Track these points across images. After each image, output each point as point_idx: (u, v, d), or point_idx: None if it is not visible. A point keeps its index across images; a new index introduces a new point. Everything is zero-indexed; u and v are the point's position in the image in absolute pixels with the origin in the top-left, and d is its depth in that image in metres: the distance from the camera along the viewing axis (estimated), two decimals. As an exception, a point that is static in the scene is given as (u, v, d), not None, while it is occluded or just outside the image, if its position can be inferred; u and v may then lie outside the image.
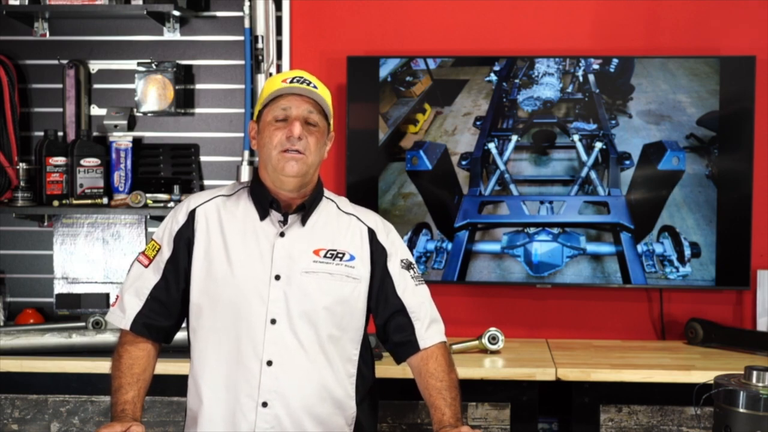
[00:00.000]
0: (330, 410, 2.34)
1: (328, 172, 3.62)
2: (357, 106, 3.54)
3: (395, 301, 2.41)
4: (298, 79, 2.36)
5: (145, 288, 2.38)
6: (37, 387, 3.18)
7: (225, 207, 2.40)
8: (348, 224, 2.44)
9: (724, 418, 2.09)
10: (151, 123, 3.72)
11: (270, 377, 2.28)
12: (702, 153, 3.45)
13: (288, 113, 2.32)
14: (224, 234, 2.36)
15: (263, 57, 3.57)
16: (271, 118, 2.33)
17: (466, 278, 3.53)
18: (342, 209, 2.47)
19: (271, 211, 2.37)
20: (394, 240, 2.48)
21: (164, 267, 2.38)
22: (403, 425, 3.15)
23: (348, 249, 2.39)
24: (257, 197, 2.39)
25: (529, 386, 3.11)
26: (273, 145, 2.31)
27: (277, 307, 2.31)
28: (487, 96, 3.52)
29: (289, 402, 2.29)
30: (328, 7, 3.64)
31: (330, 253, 2.37)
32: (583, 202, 3.49)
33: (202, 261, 2.35)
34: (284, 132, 2.31)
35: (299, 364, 2.30)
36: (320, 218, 2.41)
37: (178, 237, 2.38)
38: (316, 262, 2.35)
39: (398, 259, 2.45)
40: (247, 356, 2.29)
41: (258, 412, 2.28)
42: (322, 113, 2.36)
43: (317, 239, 2.38)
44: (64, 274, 3.70)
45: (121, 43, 3.70)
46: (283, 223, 2.37)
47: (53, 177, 3.58)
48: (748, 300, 3.58)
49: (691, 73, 3.45)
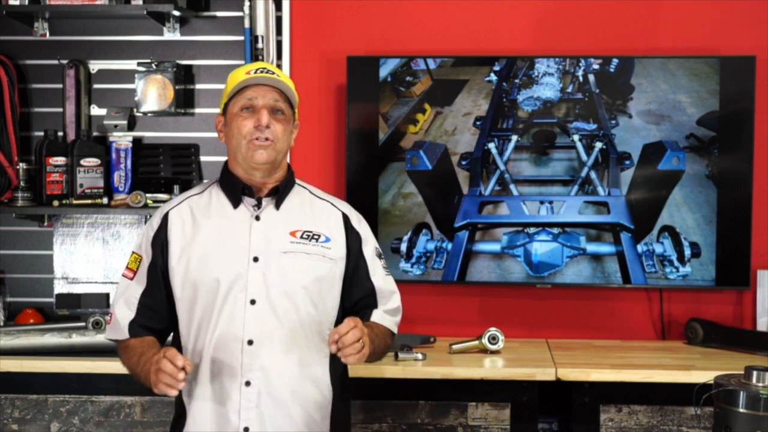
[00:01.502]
0: (309, 388, 2.40)
1: (328, 172, 3.63)
2: (357, 106, 3.54)
3: (367, 284, 2.48)
4: (262, 69, 2.41)
5: (134, 297, 2.44)
6: (37, 387, 3.18)
7: (197, 205, 2.46)
8: (322, 209, 2.49)
9: (724, 418, 2.09)
10: (151, 123, 3.72)
11: (251, 356, 2.34)
12: (702, 153, 3.45)
13: (254, 103, 2.37)
14: (199, 229, 2.41)
15: (263, 57, 3.57)
16: (238, 109, 2.38)
17: (466, 278, 3.53)
18: (315, 195, 2.53)
19: (244, 197, 2.43)
20: (365, 228, 2.54)
21: (147, 274, 2.43)
22: (403, 425, 3.15)
23: (323, 231, 2.44)
24: (228, 187, 2.44)
25: (529, 386, 3.11)
26: (242, 135, 2.36)
27: (257, 288, 2.36)
28: (487, 96, 3.52)
29: (270, 380, 2.35)
30: (328, 7, 3.64)
31: (306, 234, 2.42)
32: (583, 202, 3.49)
33: (178, 259, 2.40)
34: (252, 121, 2.36)
35: (279, 343, 2.36)
36: (294, 203, 2.46)
37: (155, 241, 2.43)
38: (293, 243, 2.40)
39: (372, 247, 2.52)
40: (229, 337, 2.35)
41: (242, 391, 2.34)
42: (288, 101, 2.42)
43: (293, 221, 2.43)
44: (64, 274, 3.70)
45: (121, 43, 3.71)
46: (258, 207, 2.42)
47: (53, 177, 3.58)
48: (748, 300, 3.58)
49: (691, 73, 3.45)
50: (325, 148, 3.65)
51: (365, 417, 3.15)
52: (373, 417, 3.15)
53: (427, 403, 3.15)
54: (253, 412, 2.34)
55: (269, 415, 2.35)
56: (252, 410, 2.34)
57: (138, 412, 3.17)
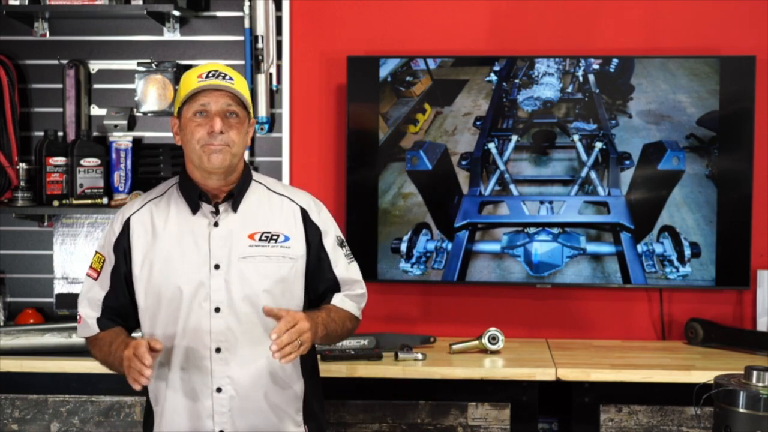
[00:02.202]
0: (281, 387, 2.43)
1: (328, 172, 3.63)
2: (357, 106, 3.54)
3: (330, 276, 2.50)
4: (214, 73, 2.39)
5: (97, 299, 2.47)
6: (37, 387, 3.18)
7: (157, 210, 2.46)
8: (280, 205, 2.49)
9: (724, 418, 2.09)
10: (151, 123, 3.72)
11: (220, 364, 2.37)
12: (702, 153, 3.45)
13: (207, 108, 2.37)
14: (160, 236, 2.42)
15: (263, 57, 3.57)
16: (191, 114, 2.38)
17: (466, 278, 3.53)
18: (273, 190, 2.52)
19: (201, 203, 2.43)
20: (326, 218, 2.53)
21: (110, 277, 2.46)
22: (403, 425, 3.15)
23: (282, 230, 2.44)
24: (186, 193, 2.45)
25: (529, 386, 3.11)
26: (195, 140, 2.36)
27: (219, 296, 2.38)
28: (487, 96, 3.52)
29: (240, 385, 2.38)
30: (328, 7, 3.64)
31: (265, 236, 2.43)
32: (583, 202, 3.49)
33: (140, 266, 2.42)
34: (205, 128, 2.36)
35: (246, 348, 2.38)
36: (252, 202, 2.46)
37: (117, 247, 2.45)
38: (252, 246, 2.41)
39: (332, 237, 2.52)
40: (197, 347, 2.38)
41: (213, 397, 2.38)
42: (241, 104, 2.40)
43: (251, 223, 2.43)
44: (64, 274, 3.70)
45: (121, 43, 3.70)
46: (215, 213, 2.42)
47: (53, 177, 3.57)
48: (748, 300, 3.58)
49: (691, 73, 3.45)
50: (325, 148, 3.65)
51: (365, 417, 3.15)
52: (373, 417, 3.15)
53: (427, 403, 3.15)
54: (227, 417, 2.39)
55: (242, 418, 2.39)
56: (225, 414, 2.39)
57: (138, 412, 3.16)
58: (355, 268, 2.55)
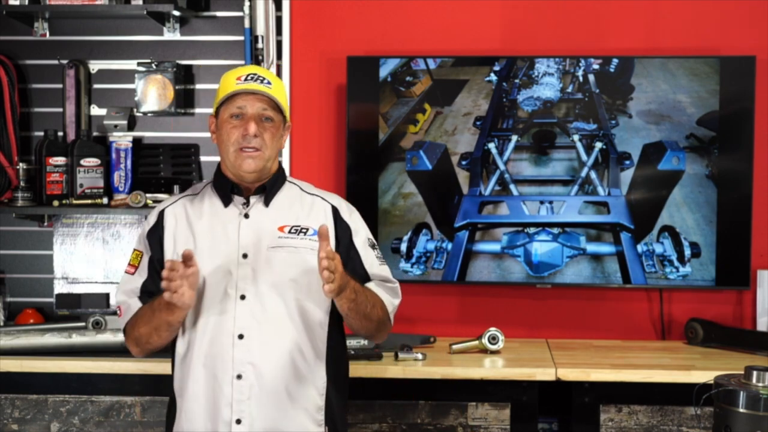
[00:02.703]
0: (302, 381, 2.42)
1: (328, 172, 3.63)
2: (357, 106, 3.54)
3: (361, 272, 2.50)
4: (252, 76, 2.43)
5: (135, 287, 2.49)
6: (37, 387, 3.18)
7: (192, 205, 2.51)
8: (311, 204, 2.53)
9: (724, 418, 2.09)
10: (151, 123, 3.72)
11: (242, 350, 2.38)
12: (702, 153, 3.45)
13: (243, 111, 2.41)
14: (192, 227, 2.46)
15: (263, 57, 3.57)
16: (227, 116, 2.43)
17: (466, 278, 3.53)
18: (305, 191, 2.56)
19: (233, 196, 2.47)
20: (357, 219, 2.57)
21: (147, 266, 2.49)
22: (403, 425, 3.15)
23: (311, 225, 2.47)
24: (219, 187, 2.49)
25: (529, 386, 3.11)
26: (230, 142, 2.42)
27: (246, 284, 2.40)
28: (487, 96, 3.52)
29: (261, 372, 2.38)
30: (328, 7, 3.64)
31: (294, 229, 2.46)
32: (583, 202, 3.49)
33: (172, 254, 2.44)
34: (240, 130, 2.40)
35: (269, 336, 2.39)
36: (284, 199, 2.51)
37: (151, 236, 2.49)
38: (281, 238, 2.44)
39: (363, 237, 2.54)
40: (220, 332, 2.39)
41: (233, 384, 2.38)
42: (277, 108, 2.44)
43: (281, 217, 2.47)
44: (64, 274, 3.70)
45: (121, 43, 3.70)
46: (246, 205, 2.46)
47: (53, 177, 3.58)
48: (748, 300, 3.58)
49: (691, 73, 3.45)
50: (325, 148, 3.65)
51: (365, 417, 3.15)
52: (373, 417, 3.15)
53: (427, 403, 3.15)
54: (245, 405, 2.38)
55: (261, 408, 2.38)
56: (244, 403, 2.38)
57: (138, 412, 3.17)
58: (387, 270, 2.56)
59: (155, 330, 2.40)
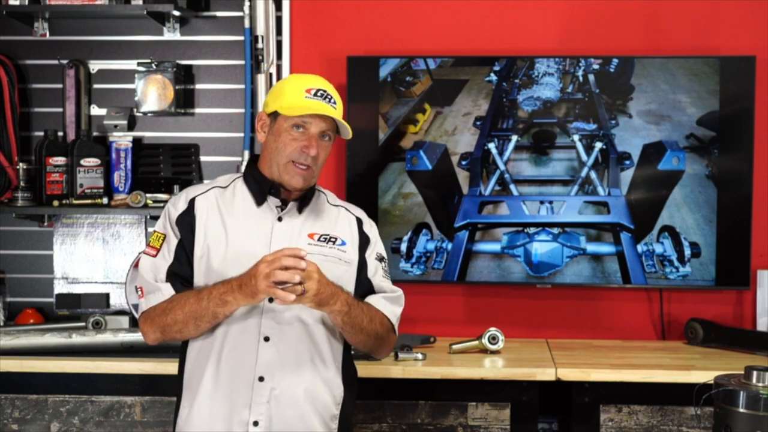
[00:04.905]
0: (321, 387, 2.43)
1: (328, 172, 3.62)
2: (357, 106, 3.54)
3: (366, 283, 2.52)
4: (322, 93, 2.43)
5: (161, 271, 2.43)
6: (37, 387, 3.18)
7: (222, 197, 2.49)
8: (338, 214, 2.56)
9: (724, 418, 2.09)
10: (151, 123, 3.72)
11: (267, 352, 2.37)
12: (702, 153, 3.45)
13: (307, 128, 2.41)
14: (223, 220, 2.44)
15: (263, 57, 3.57)
16: (288, 125, 2.42)
17: (466, 278, 3.53)
18: (331, 202, 2.58)
19: (268, 197, 2.47)
20: (375, 234, 2.60)
21: (175, 249, 2.43)
22: (403, 425, 3.15)
23: (340, 235, 2.49)
24: (254, 185, 2.48)
25: (529, 386, 3.11)
26: (286, 153, 2.41)
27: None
28: (487, 96, 3.52)
29: (284, 377, 2.38)
30: (328, 7, 3.64)
31: (324, 237, 2.47)
32: (583, 202, 3.49)
33: (202, 246, 2.42)
34: (299, 144, 2.40)
35: (295, 340, 2.39)
36: (315, 207, 2.52)
37: (181, 222, 2.45)
38: (311, 245, 2.43)
39: (376, 251, 2.57)
40: (246, 333, 2.38)
41: (254, 386, 2.37)
42: (335, 127, 2.46)
43: (312, 225, 2.48)
44: (64, 274, 3.70)
45: (121, 43, 3.71)
46: (282, 209, 2.46)
47: (53, 177, 3.58)
48: (748, 300, 3.58)
49: (691, 73, 3.45)
50: (325, 148, 3.64)
51: (365, 417, 3.15)
52: (373, 417, 3.15)
53: (427, 403, 3.15)
54: (264, 407, 2.37)
55: (280, 411, 2.38)
56: (263, 405, 2.37)
57: (138, 412, 3.17)
58: (390, 284, 2.56)
59: (195, 319, 2.34)
